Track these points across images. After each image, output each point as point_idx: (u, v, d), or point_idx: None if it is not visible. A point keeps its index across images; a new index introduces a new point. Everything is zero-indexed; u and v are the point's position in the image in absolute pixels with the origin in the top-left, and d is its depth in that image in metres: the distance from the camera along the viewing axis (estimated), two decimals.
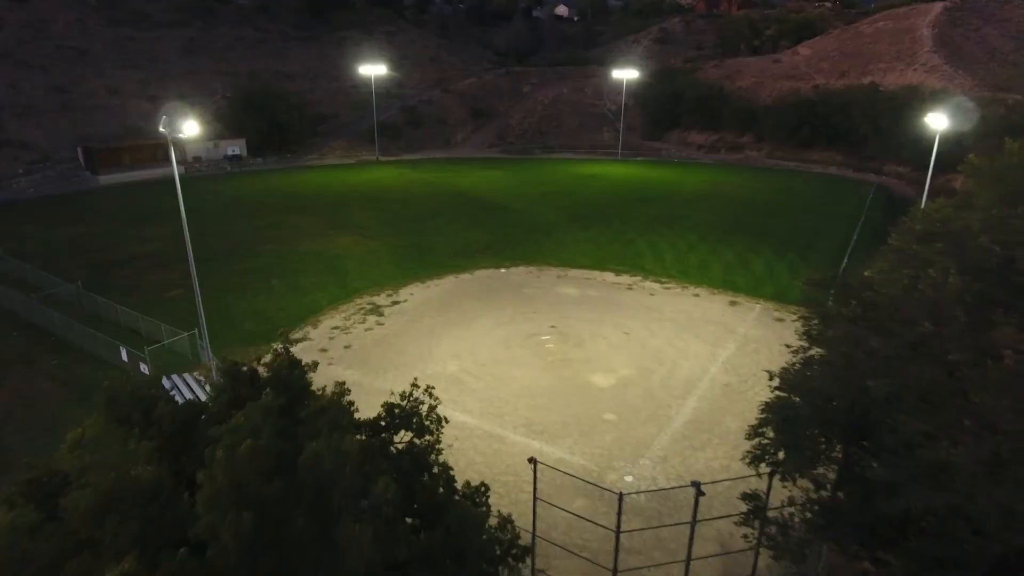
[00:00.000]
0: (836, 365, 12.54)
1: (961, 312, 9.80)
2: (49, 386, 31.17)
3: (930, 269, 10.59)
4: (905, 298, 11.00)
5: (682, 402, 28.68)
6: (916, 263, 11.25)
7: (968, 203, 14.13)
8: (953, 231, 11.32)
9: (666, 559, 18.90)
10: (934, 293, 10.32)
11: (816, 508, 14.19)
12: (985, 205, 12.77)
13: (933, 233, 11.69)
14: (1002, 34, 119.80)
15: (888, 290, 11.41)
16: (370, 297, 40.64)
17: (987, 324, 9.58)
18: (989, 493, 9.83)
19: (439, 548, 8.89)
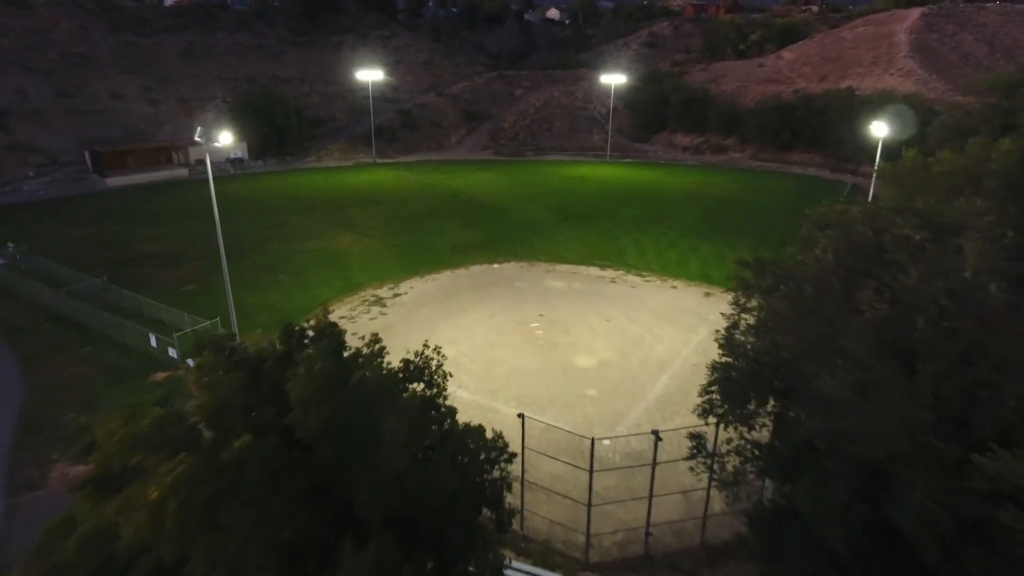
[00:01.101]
0: (759, 329, 15.88)
1: (836, 281, 13.13)
2: (83, 370, 34.20)
3: (816, 249, 13.95)
4: (800, 272, 14.35)
5: (656, 380, 32.07)
6: (812, 245, 14.60)
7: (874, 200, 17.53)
8: (843, 220, 14.67)
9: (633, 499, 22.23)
10: (818, 267, 13.67)
11: (748, 447, 17.57)
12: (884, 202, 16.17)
13: (829, 223, 15.06)
14: (977, 39, 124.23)
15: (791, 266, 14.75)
16: (373, 290, 43.86)
17: (854, 288, 12.89)
18: (858, 414, 13.21)
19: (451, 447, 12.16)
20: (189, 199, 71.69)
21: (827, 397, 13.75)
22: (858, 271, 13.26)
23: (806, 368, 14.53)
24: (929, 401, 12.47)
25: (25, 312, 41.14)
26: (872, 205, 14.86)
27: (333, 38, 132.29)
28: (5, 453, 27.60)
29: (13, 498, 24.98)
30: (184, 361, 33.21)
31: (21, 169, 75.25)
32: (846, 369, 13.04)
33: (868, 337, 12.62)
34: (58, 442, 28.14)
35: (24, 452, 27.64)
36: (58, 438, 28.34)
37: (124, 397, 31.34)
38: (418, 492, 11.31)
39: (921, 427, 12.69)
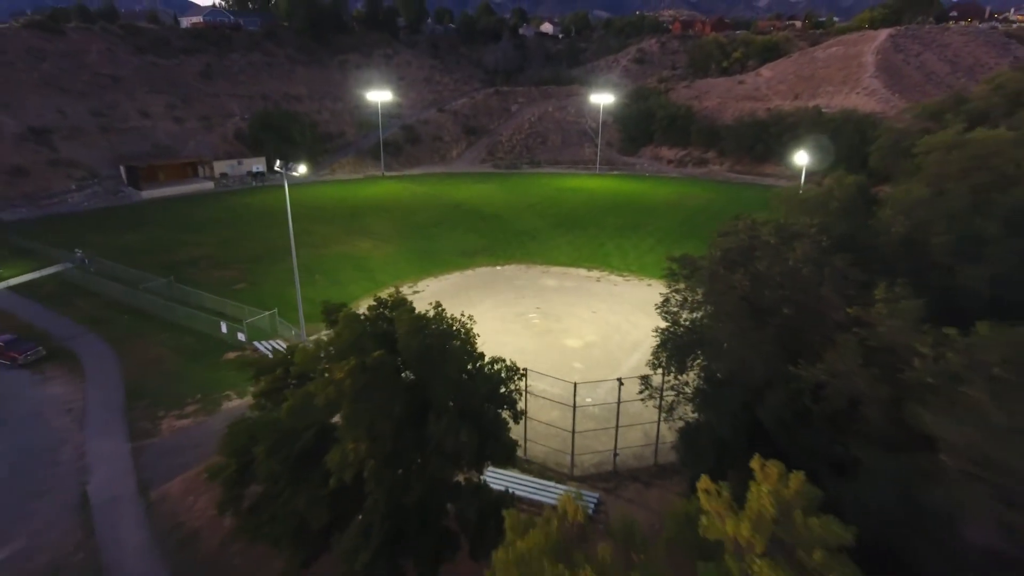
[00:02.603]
0: (683, 303, 23.98)
1: (721, 269, 21.18)
2: (165, 351, 42.04)
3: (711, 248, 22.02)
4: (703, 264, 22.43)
5: (630, 356, 40.20)
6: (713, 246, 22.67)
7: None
8: (732, 229, 22.75)
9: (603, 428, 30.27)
10: (712, 261, 21.75)
11: (681, 386, 25.64)
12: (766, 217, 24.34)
13: (726, 232, 23.11)
14: (940, 58, 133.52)
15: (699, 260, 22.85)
16: (395, 288, 51.75)
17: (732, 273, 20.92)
18: (736, 353, 21.32)
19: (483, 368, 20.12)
20: (219, 209, 79.65)
21: (718, 344, 21.94)
22: (735, 262, 21.40)
23: (709, 328, 22.71)
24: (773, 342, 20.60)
25: (104, 307, 48.89)
26: (752, 219, 22.98)
27: (338, 56, 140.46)
28: (122, 411, 35.43)
29: (136, 443, 32.81)
30: (251, 343, 41.14)
31: (65, 183, 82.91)
32: (727, 325, 21.18)
33: (738, 304, 20.75)
34: (161, 403, 36.03)
35: (135, 411, 35.47)
36: (161, 400, 36.25)
37: (205, 371, 39.45)
38: (466, 391, 19.36)
39: (772, 359, 20.83)
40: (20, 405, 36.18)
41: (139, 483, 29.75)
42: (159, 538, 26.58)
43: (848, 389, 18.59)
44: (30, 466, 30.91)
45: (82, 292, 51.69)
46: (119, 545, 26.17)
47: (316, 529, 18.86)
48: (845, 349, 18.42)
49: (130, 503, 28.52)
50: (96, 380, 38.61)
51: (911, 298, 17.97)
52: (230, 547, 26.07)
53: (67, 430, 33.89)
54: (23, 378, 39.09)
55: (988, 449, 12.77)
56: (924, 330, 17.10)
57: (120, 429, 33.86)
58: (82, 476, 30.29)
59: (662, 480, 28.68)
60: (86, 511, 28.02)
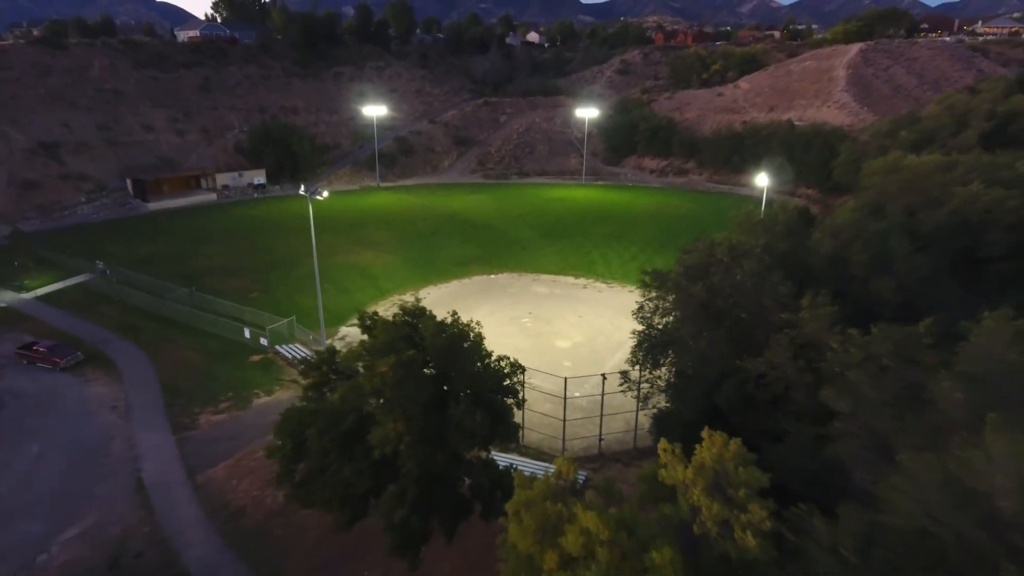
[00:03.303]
0: (655, 309, 28.91)
1: (684, 282, 26.12)
2: (193, 355, 46.32)
3: (676, 263, 26.98)
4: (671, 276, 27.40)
5: (613, 355, 45.13)
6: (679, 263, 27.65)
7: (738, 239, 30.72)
8: (693, 248, 27.73)
9: (588, 417, 35.10)
10: (677, 275, 26.73)
11: (655, 379, 30.54)
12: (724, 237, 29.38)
13: (689, 250, 28.05)
14: (908, 72, 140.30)
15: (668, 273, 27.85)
16: (399, 296, 56.38)
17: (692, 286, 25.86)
18: (696, 350, 26.26)
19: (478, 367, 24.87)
20: (225, 220, 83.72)
21: (684, 343, 26.88)
22: (696, 276, 26.36)
23: (677, 330, 27.65)
24: (725, 341, 25.54)
25: (130, 314, 52.98)
26: (711, 239, 27.96)
27: (333, 69, 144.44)
28: (161, 408, 39.72)
29: (178, 435, 37.15)
30: (272, 347, 45.56)
31: (75, 196, 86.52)
32: (689, 327, 26.11)
33: (697, 310, 25.69)
34: (196, 400, 40.36)
35: (173, 408, 39.79)
36: (195, 398, 40.59)
37: (232, 372, 43.82)
38: (479, 382, 24.11)
39: (724, 355, 25.76)
40: (69, 404, 40.35)
41: (186, 469, 34.11)
42: (210, 514, 31.00)
43: (782, 377, 23.56)
44: (88, 456, 35.18)
45: (107, 301, 55.70)
46: (177, 520, 30.56)
47: (359, 494, 23.48)
48: (779, 346, 23.39)
49: (181, 486, 32.90)
50: (134, 381, 42.84)
51: (829, 305, 22.97)
52: (272, 520, 30.60)
53: (115, 425, 38.15)
54: (66, 381, 43.21)
55: (863, 416, 17.66)
56: (836, 330, 22.08)
57: (162, 423, 38.17)
58: (135, 464, 34.62)
59: (640, 461, 33.54)
60: (143, 493, 32.38)
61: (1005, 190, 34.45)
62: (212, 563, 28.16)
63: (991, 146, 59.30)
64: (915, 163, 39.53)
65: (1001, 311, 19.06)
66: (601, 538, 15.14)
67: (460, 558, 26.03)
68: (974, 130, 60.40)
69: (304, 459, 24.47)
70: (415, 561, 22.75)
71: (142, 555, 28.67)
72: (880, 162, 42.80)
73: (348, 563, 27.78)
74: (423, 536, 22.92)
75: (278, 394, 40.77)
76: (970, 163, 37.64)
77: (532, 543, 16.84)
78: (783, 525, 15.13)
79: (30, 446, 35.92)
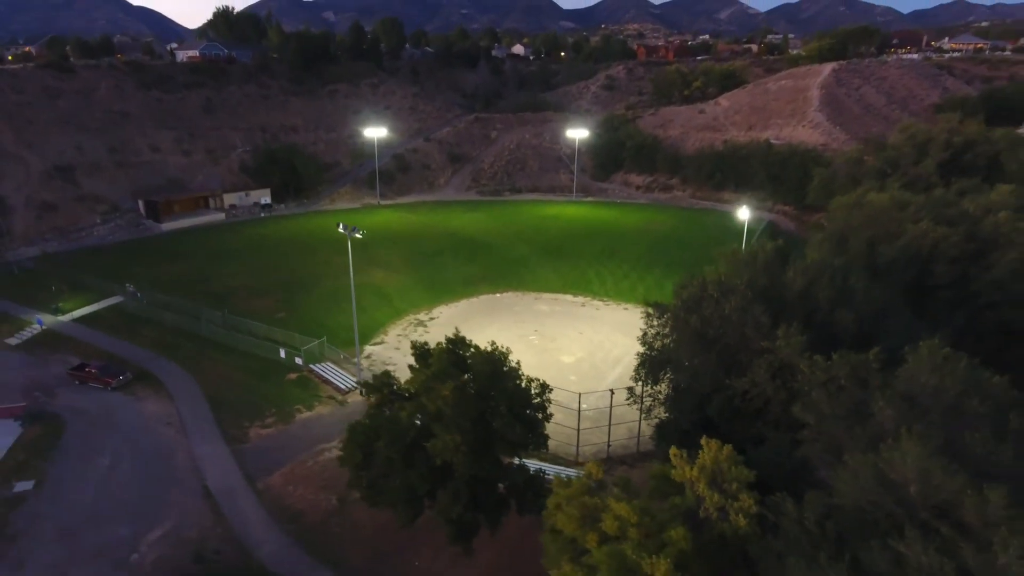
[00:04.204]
0: (657, 335, 34.32)
1: (682, 314, 31.49)
2: (232, 372, 50.85)
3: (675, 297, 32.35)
4: (672, 308, 32.76)
5: (613, 369, 50.50)
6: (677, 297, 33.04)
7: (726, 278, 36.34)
8: (688, 284, 33.19)
9: (599, 428, 40.38)
10: (675, 308, 32.11)
11: (657, 393, 35.93)
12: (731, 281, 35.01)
13: (685, 285, 33.53)
14: (877, 91, 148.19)
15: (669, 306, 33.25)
16: (414, 315, 61.38)
17: (689, 317, 31.25)
18: (692, 369, 31.71)
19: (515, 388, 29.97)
20: (238, 240, 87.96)
21: (680, 363, 32.33)
22: (691, 308, 31.79)
23: (674, 352, 33.09)
24: (715, 363, 30.95)
25: (166, 335, 57.23)
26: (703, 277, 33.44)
27: (328, 86, 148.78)
28: (213, 422, 44.29)
29: (232, 447, 41.77)
30: (307, 365, 50.26)
31: (91, 217, 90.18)
32: (685, 351, 31.53)
33: (692, 337, 31.11)
34: (244, 415, 44.96)
35: (224, 422, 44.37)
36: (242, 413, 45.20)
37: (272, 389, 48.48)
38: (516, 400, 29.27)
39: (715, 374, 31.16)
40: (127, 421, 44.74)
41: (245, 477, 38.79)
42: (273, 516, 35.76)
43: (762, 394, 29.03)
44: (155, 467, 39.71)
45: (143, 322, 59.86)
46: (245, 521, 35.28)
47: (420, 495, 28.51)
48: (759, 368, 28.85)
49: (243, 492, 37.59)
50: (182, 398, 47.32)
51: (800, 335, 28.46)
52: (329, 520, 35.49)
53: (174, 439, 42.68)
54: (119, 399, 47.56)
55: (822, 426, 23.09)
56: (806, 356, 27.56)
57: (216, 436, 42.77)
58: (198, 473, 39.22)
59: (642, 463, 38.89)
60: (211, 499, 37.02)
61: (950, 227, 40.43)
62: (282, 557, 32.96)
63: (947, 174, 65.97)
64: (875, 200, 45.46)
65: (934, 341, 24.64)
66: (631, 522, 20.34)
67: (500, 545, 31.10)
68: (932, 159, 66.85)
69: (371, 466, 29.42)
70: (469, 549, 27.84)
71: (220, 552, 33.39)
72: (846, 198, 48.77)
73: (400, 553, 32.77)
74: (475, 528, 28.01)
75: (318, 409, 45.56)
76: (921, 202, 43.58)
77: (576, 528, 22.03)
78: (765, 510, 20.47)
79: (101, 460, 40.33)
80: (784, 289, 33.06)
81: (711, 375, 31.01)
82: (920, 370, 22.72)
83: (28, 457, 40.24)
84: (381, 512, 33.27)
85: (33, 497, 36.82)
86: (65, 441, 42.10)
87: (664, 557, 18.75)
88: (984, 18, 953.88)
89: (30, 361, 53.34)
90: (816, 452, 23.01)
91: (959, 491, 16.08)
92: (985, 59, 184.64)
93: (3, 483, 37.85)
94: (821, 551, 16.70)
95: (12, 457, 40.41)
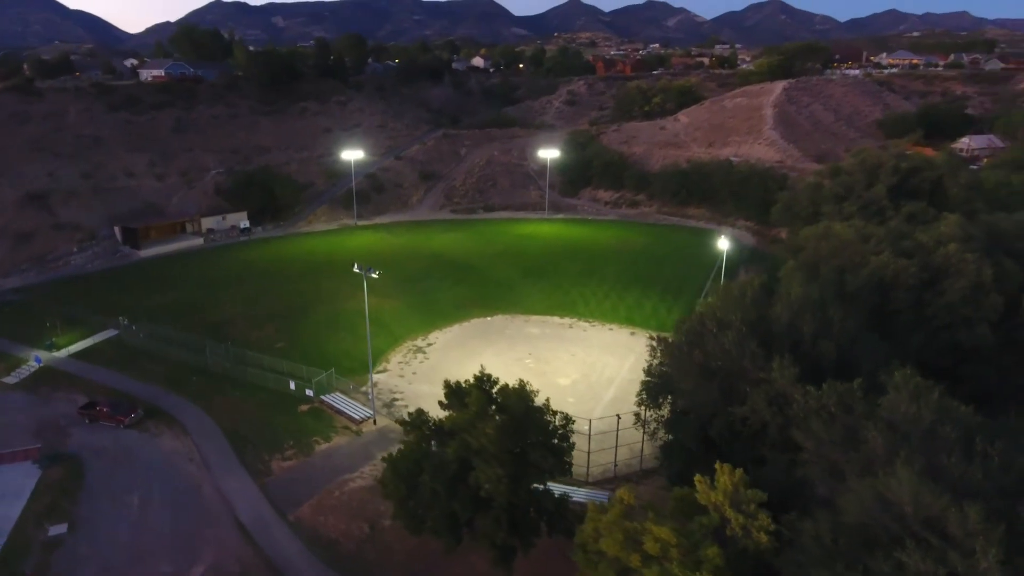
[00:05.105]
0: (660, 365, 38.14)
1: (685, 347, 35.35)
2: (244, 405, 52.48)
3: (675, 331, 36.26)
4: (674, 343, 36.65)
5: (607, 390, 54.22)
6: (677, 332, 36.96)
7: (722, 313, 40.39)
8: (688, 320, 37.10)
9: (605, 451, 43.93)
10: (674, 337, 35.98)
11: (660, 417, 39.70)
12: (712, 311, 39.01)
13: (684, 320, 37.43)
14: (825, 108, 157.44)
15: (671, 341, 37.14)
16: (411, 341, 63.89)
17: (693, 351, 35.12)
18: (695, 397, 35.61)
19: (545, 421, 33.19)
20: (220, 267, 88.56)
21: (682, 389, 36.18)
22: (692, 343, 35.67)
23: (676, 380, 36.93)
24: (717, 392, 34.86)
25: (170, 369, 58.23)
26: (701, 313, 37.41)
27: (297, 104, 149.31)
28: (233, 457, 46.03)
29: (257, 480, 43.69)
30: (319, 397, 52.31)
31: (67, 245, 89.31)
32: (688, 381, 35.39)
33: (695, 367, 34.97)
34: (263, 448, 46.83)
35: (244, 456, 46.17)
36: (261, 447, 47.05)
37: (286, 421, 50.41)
38: (546, 432, 32.53)
39: (716, 402, 35.06)
40: (147, 458, 46.08)
41: (275, 509, 40.85)
42: (309, 545, 38.00)
43: (760, 419, 33.02)
44: (186, 504, 41.37)
45: (142, 356, 60.67)
46: (282, 554, 37.44)
47: (462, 523, 31.43)
48: (757, 396, 32.84)
49: (276, 524, 39.68)
50: (199, 433, 48.82)
51: (792, 366, 32.57)
52: (363, 547, 37.97)
53: (197, 475, 44.31)
54: (134, 437, 48.77)
55: (820, 450, 27.10)
56: (798, 385, 31.64)
57: (239, 470, 44.59)
58: (228, 507, 41.08)
59: (646, 479, 42.66)
60: (245, 532, 39.00)
61: (907, 258, 45.53)
62: None
63: (897, 197, 72.20)
64: (841, 232, 50.46)
65: (906, 370, 28.98)
66: (671, 543, 23.82)
67: (530, 564, 34.20)
68: (883, 184, 73.01)
69: (415, 498, 32.19)
70: (510, 570, 30.92)
71: None
72: (815, 228, 53.74)
73: (433, 574, 35.53)
74: (515, 551, 31.10)
75: (336, 440, 47.78)
76: (881, 235, 48.73)
77: (619, 549, 25.38)
78: (780, 526, 24.23)
79: (130, 499, 41.73)
80: (771, 323, 37.28)
81: (712, 402, 34.89)
82: (900, 399, 26.93)
83: (55, 499, 41.37)
84: (410, 537, 36.03)
85: (70, 539, 38.14)
86: (89, 482, 43.30)
87: (704, 573, 22.30)
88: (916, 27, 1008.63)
89: (34, 400, 53.84)
90: (816, 473, 26.97)
91: (944, 508, 20.09)
92: (921, 75, 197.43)
93: (36, 526, 39.02)
94: (838, 562, 20.49)
95: (38, 500, 41.46)
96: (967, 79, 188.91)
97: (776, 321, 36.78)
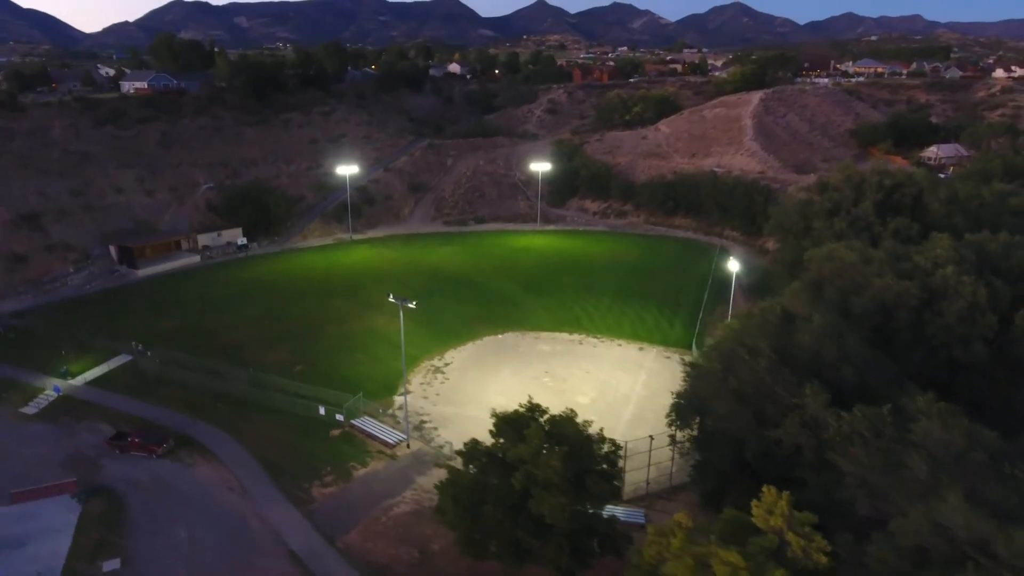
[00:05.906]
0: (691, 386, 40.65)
1: (717, 362, 37.83)
2: (274, 431, 53.28)
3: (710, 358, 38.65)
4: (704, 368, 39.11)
5: (625, 408, 56.57)
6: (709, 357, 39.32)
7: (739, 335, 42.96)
8: (720, 346, 39.56)
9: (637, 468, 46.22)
10: (709, 366, 38.48)
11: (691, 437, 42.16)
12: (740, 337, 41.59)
13: (714, 347, 39.83)
14: (800, 118, 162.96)
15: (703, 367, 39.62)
16: (429, 361, 65.29)
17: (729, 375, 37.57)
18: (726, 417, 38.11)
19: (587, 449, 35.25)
20: (222, 286, 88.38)
21: (713, 411, 38.68)
22: (727, 370, 38.14)
23: (708, 403, 39.40)
24: (751, 417, 37.40)
25: (192, 395, 58.44)
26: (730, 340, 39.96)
27: (281, 115, 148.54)
28: (272, 485, 46.98)
29: (300, 508, 44.77)
30: (349, 422, 53.44)
31: (63, 266, 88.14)
32: (722, 406, 37.86)
33: (729, 392, 37.45)
34: (301, 475, 47.85)
35: (283, 483, 47.13)
36: (299, 474, 48.07)
37: (319, 447, 51.50)
38: (599, 460, 34.58)
39: (748, 423, 37.60)
40: (187, 488, 46.72)
41: (323, 537, 42.05)
42: (362, 572, 39.35)
43: (794, 441, 35.64)
44: (234, 534, 42.30)
45: (161, 382, 60.73)
46: None
47: (524, 548, 33.31)
48: (791, 421, 35.44)
49: (326, 552, 40.91)
50: (233, 462, 49.56)
51: (823, 393, 35.25)
52: (414, 571, 39.53)
53: (239, 504, 45.18)
54: (167, 467, 49.27)
55: (861, 472, 29.77)
56: (831, 410, 34.32)
57: (280, 499, 45.60)
58: (277, 537, 42.14)
59: (677, 496, 45.09)
60: (298, 560, 40.16)
61: (907, 280, 48.88)
62: None
63: (882, 212, 76.28)
64: (843, 255, 53.60)
65: (928, 395, 31.88)
66: (741, 566, 26.09)
67: None
68: (869, 200, 77.05)
69: (477, 525, 33.94)
70: None
71: None
72: (819, 251, 56.87)
73: None
74: (573, 573, 33.10)
75: (372, 465, 49.07)
76: (882, 257, 52.10)
77: (689, 573, 27.56)
78: (836, 547, 26.72)
79: (177, 531, 42.45)
80: (797, 349, 40.02)
81: (747, 426, 37.42)
82: (933, 426, 29.73)
83: (103, 534, 41.86)
84: (461, 559, 37.80)
85: (125, 574, 38.78)
86: (132, 515, 43.82)
87: None
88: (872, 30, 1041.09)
89: (58, 432, 53.76)
90: (859, 495, 29.61)
91: (993, 531, 22.78)
92: (886, 83, 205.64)
93: (89, 563, 39.53)
94: None
95: (85, 535, 41.88)
96: (930, 87, 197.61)
97: (800, 347, 39.50)
